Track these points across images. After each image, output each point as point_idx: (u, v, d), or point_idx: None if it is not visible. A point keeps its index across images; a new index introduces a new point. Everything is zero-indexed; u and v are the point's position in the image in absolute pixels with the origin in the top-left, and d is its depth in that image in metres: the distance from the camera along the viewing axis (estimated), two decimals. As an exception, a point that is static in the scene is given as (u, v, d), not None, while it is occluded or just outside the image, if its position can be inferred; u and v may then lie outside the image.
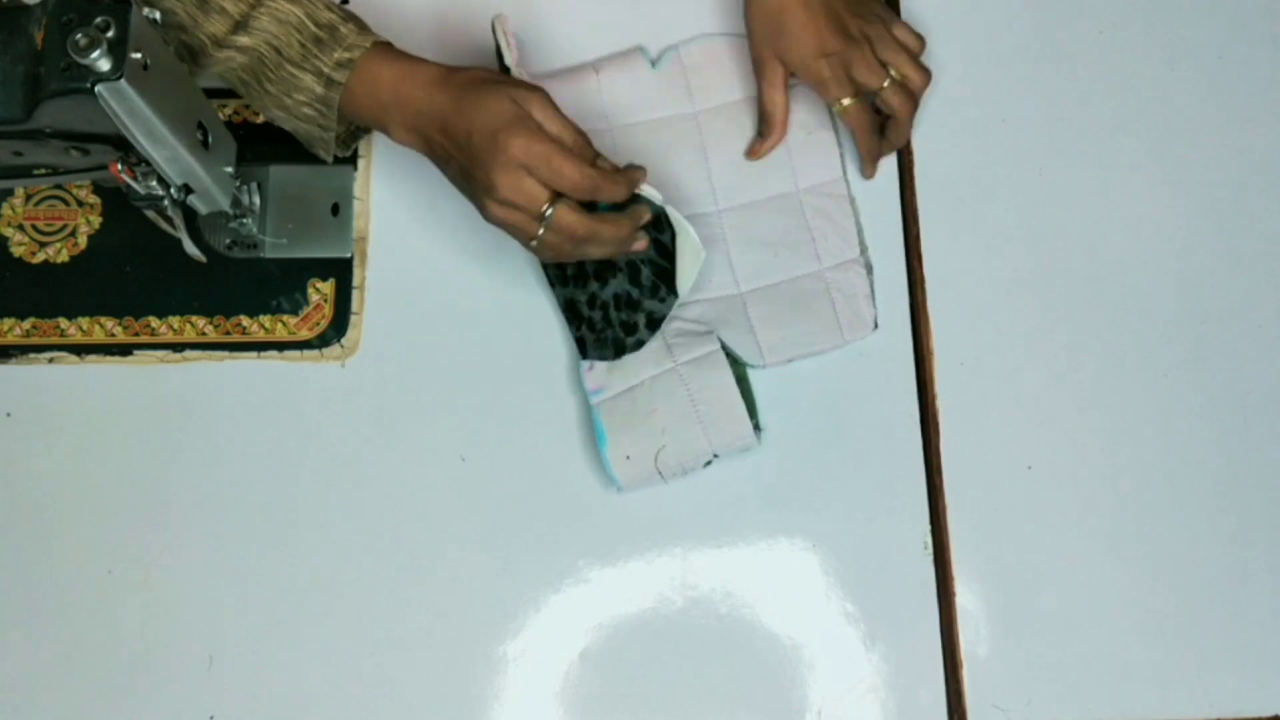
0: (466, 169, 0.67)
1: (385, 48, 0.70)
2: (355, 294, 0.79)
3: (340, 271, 0.79)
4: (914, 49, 0.78)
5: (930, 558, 0.75)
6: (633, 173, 0.69)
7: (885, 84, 0.76)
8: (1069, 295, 0.80)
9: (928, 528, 0.76)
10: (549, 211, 0.66)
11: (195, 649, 0.73)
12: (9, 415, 0.76)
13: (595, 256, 0.71)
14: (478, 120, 0.65)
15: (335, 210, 0.80)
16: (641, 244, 0.71)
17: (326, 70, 0.69)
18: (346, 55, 0.69)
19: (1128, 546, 0.76)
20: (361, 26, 0.71)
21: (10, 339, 0.77)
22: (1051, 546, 0.76)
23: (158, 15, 0.60)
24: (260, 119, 0.81)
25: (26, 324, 0.78)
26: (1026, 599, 0.75)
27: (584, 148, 0.68)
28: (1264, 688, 0.74)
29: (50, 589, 0.73)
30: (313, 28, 0.69)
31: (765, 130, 0.80)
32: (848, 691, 0.73)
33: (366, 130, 0.78)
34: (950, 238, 0.81)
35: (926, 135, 0.83)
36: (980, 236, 0.81)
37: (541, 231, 0.67)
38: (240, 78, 0.71)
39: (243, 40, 0.69)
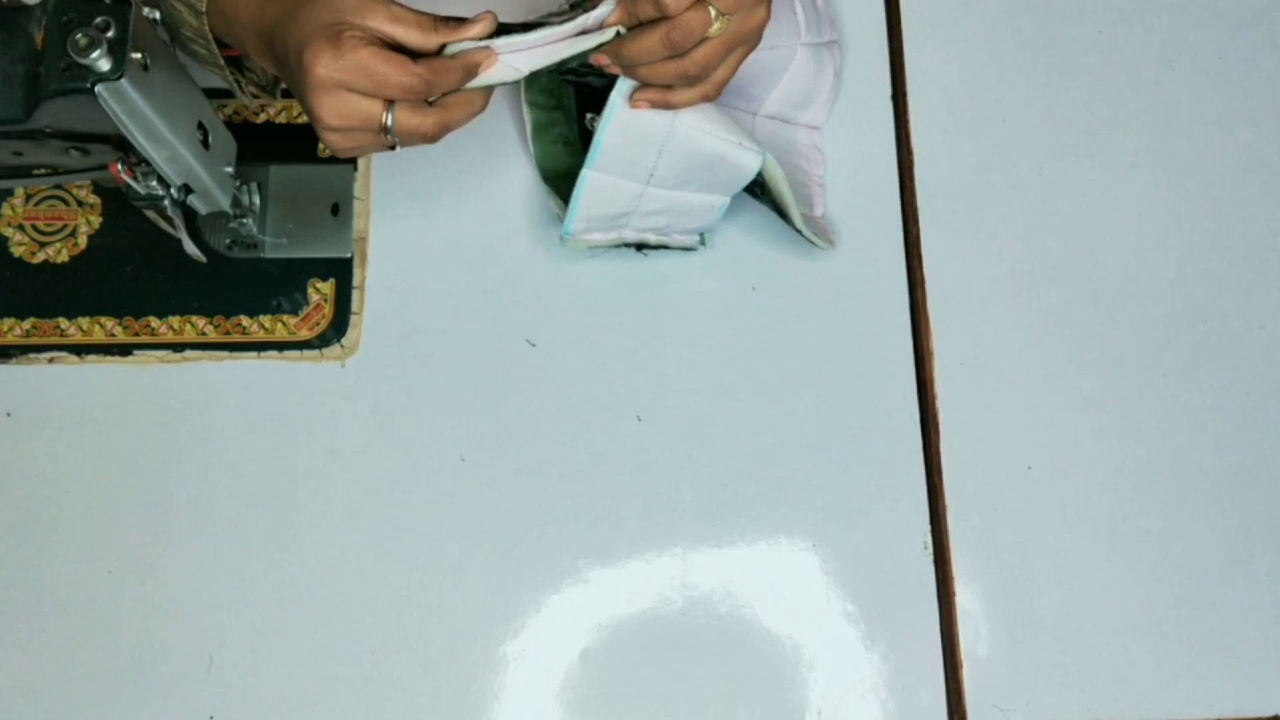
0: (299, 98, 0.61)
1: None
2: (355, 294, 0.79)
3: (340, 271, 0.79)
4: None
5: (930, 558, 0.75)
6: (469, 58, 0.60)
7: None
8: (1069, 295, 0.80)
9: (928, 528, 0.76)
10: (389, 122, 0.60)
11: (195, 649, 0.73)
12: (9, 415, 0.76)
13: (460, 126, 0.64)
14: (293, 39, 0.59)
15: (335, 210, 0.80)
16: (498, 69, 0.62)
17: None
18: None
19: (1128, 546, 0.76)
20: None
21: (10, 339, 0.77)
22: (1051, 546, 0.76)
23: (158, 15, 0.60)
24: (260, 119, 0.81)
25: (26, 324, 0.78)
26: (1026, 599, 0.75)
27: (427, 32, 0.60)
28: (1264, 688, 0.74)
29: (50, 589, 0.73)
30: None
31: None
32: (848, 691, 0.73)
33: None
34: (950, 238, 0.81)
35: (926, 135, 0.83)
36: (980, 236, 0.81)
37: (393, 142, 0.62)
38: (160, 20, 0.65)
39: None
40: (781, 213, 0.76)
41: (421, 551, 0.74)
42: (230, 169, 0.71)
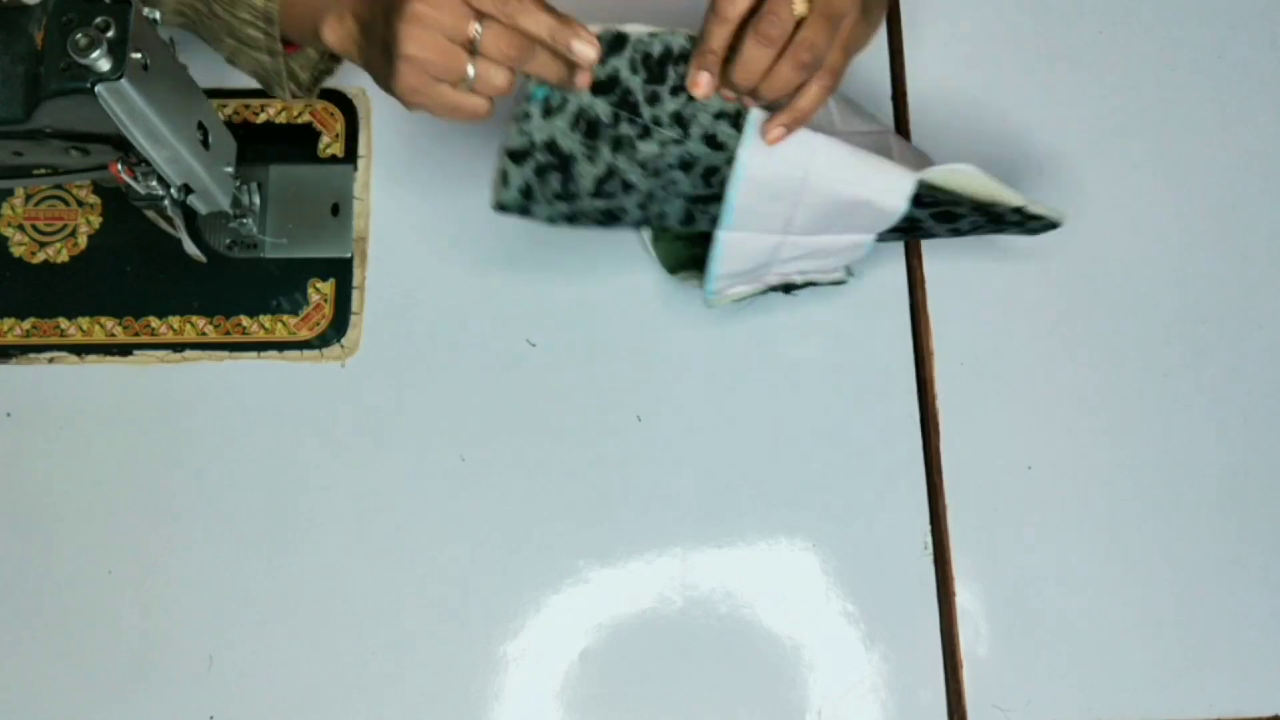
0: (388, 14, 0.60)
1: None
2: (355, 294, 0.79)
3: (340, 271, 0.79)
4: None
5: (930, 558, 0.75)
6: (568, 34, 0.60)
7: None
8: (1069, 295, 0.80)
9: (928, 528, 0.76)
10: (478, 30, 0.58)
11: (195, 649, 0.73)
12: (9, 415, 0.76)
13: (534, 72, 0.61)
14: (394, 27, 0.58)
15: (335, 210, 0.80)
16: (583, 79, 0.63)
17: None
18: None
19: (1128, 546, 0.76)
20: None
21: (10, 339, 0.77)
22: (1051, 546, 0.76)
23: (158, 15, 0.60)
24: (260, 119, 0.81)
25: (26, 324, 0.78)
26: (1026, 599, 0.75)
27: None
28: (1264, 688, 0.74)
29: (50, 589, 0.73)
30: None
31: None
32: (848, 691, 0.73)
33: (329, 72, 0.74)
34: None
35: (926, 136, 0.83)
36: (980, 236, 0.81)
37: (471, 70, 0.60)
38: (193, 6, 0.68)
39: None
40: (994, 216, 0.70)
41: (421, 551, 0.75)
42: (230, 169, 0.71)
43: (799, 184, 0.66)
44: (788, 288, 0.77)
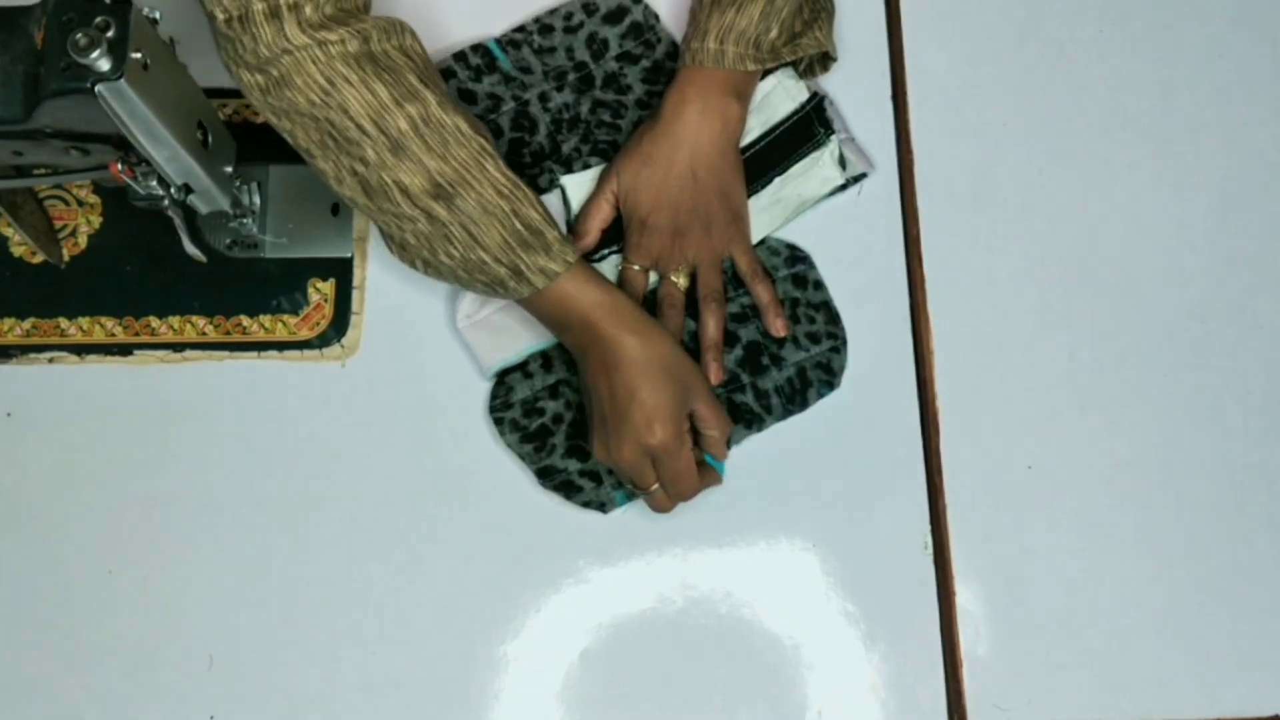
0: (607, 417, 0.70)
1: (584, 267, 0.70)
2: (355, 294, 0.79)
3: (340, 271, 0.79)
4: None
5: (930, 558, 0.75)
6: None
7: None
8: (1069, 295, 0.80)
9: (928, 528, 0.76)
10: (654, 489, 0.71)
11: (195, 649, 0.73)
12: (9, 415, 0.76)
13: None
14: (647, 400, 0.68)
15: (335, 210, 0.80)
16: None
17: (526, 271, 0.68)
18: (551, 266, 0.69)
19: (1128, 546, 0.76)
20: (561, 236, 0.69)
21: (10, 339, 0.77)
22: (1051, 546, 0.76)
23: (158, 14, 0.60)
24: (260, 119, 0.81)
25: (26, 324, 0.78)
26: (1026, 599, 0.75)
27: (719, 442, 0.72)
28: (1264, 688, 0.74)
29: (50, 589, 0.73)
30: (519, 226, 0.68)
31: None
32: (848, 691, 0.73)
33: None
34: (950, 238, 0.81)
35: (927, 135, 0.83)
36: (980, 236, 0.81)
37: (636, 493, 0.73)
38: (416, 231, 0.69)
39: (438, 210, 0.67)
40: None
41: (421, 551, 0.74)
42: (230, 169, 0.71)
43: None
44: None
